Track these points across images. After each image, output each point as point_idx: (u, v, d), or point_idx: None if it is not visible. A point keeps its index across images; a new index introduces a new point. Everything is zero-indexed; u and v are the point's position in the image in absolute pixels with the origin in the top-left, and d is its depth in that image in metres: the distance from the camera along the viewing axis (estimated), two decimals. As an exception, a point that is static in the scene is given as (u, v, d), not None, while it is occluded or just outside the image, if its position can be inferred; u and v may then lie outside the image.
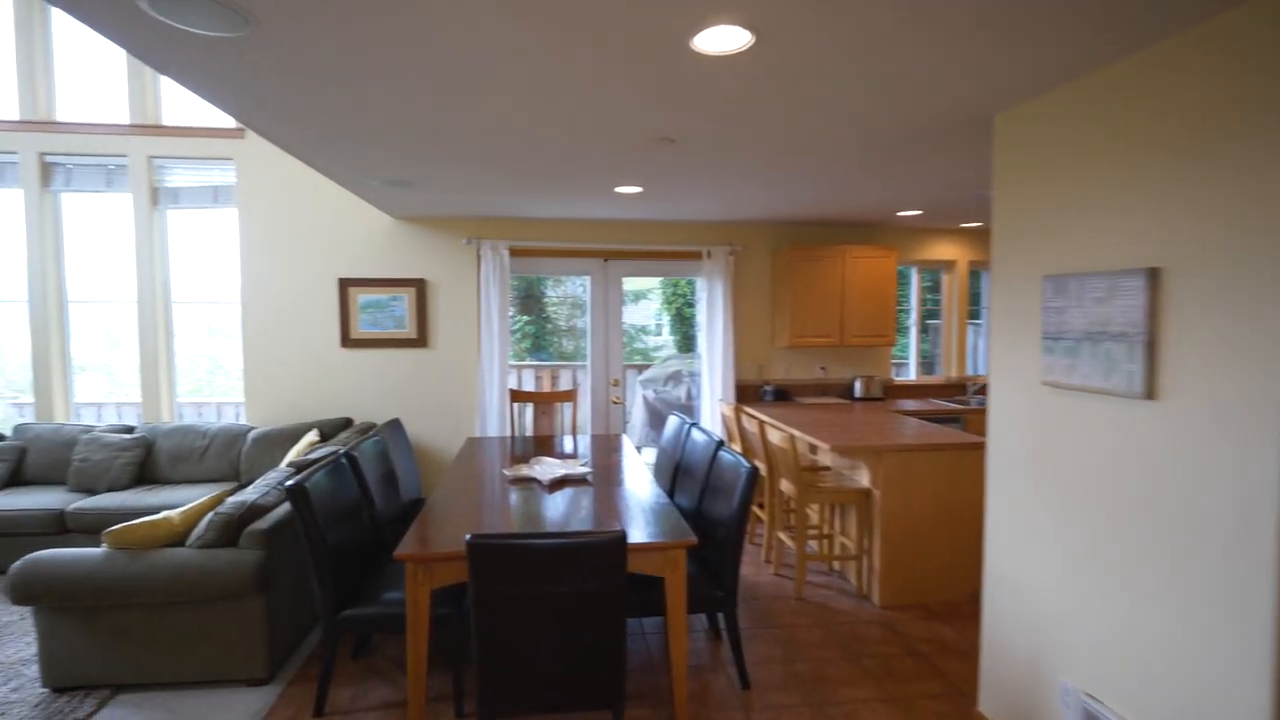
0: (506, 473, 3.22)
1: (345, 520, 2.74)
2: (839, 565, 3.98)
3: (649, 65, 1.95)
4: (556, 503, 2.84)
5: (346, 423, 4.60)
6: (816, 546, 4.05)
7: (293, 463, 3.39)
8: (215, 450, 4.42)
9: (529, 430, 4.85)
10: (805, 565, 3.65)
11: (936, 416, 4.65)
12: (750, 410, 4.58)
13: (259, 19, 1.66)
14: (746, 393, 5.11)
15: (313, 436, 4.18)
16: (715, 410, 4.93)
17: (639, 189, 3.75)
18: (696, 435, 3.42)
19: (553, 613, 1.95)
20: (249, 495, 2.91)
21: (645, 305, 9.75)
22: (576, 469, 3.25)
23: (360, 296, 4.78)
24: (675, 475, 3.60)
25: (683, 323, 9.27)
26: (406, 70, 2.00)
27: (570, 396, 4.46)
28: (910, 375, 5.58)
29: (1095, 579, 1.97)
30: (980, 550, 3.57)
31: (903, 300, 5.50)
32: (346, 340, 4.78)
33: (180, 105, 4.65)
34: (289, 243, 4.69)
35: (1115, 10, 1.60)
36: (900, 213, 4.62)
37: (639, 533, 2.43)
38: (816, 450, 4.29)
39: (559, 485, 3.09)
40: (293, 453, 3.98)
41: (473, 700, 2.59)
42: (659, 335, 9.91)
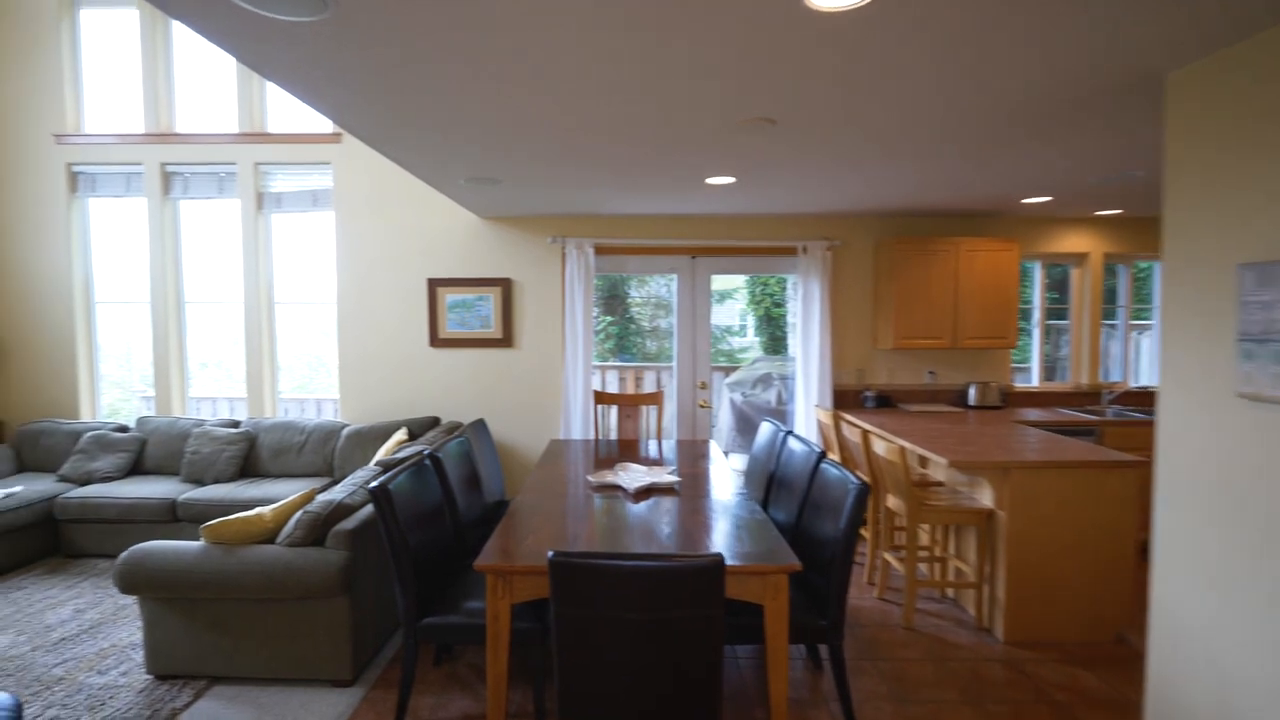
0: (590, 479, 3.07)
1: (427, 522, 2.67)
2: (952, 592, 3.57)
3: (755, 29, 1.72)
4: (642, 513, 2.64)
5: (434, 422, 4.62)
6: (927, 570, 3.66)
7: (380, 462, 3.38)
8: (312, 446, 4.54)
9: (613, 433, 4.71)
10: (915, 591, 3.28)
11: (1066, 428, 4.12)
12: (850, 417, 4.22)
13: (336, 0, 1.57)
14: (845, 398, 4.74)
15: (401, 435, 4.20)
16: (810, 416, 4.60)
17: (731, 179, 3.50)
18: (794, 444, 3.14)
19: (641, 640, 1.75)
20: (336, 494, 2.90)
21: (730, 305, 9.45)
22: (663, 477, 3.05)
23: (448, 296, 4.79)
24: (770, 486, 3.33)
25: (770, 323, 8.91)
26: (486, 55, 1.87)
27: (656, 399, 4.27)
28: (1033, 381, 5.01)
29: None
30: (1131, 586, 3.10)
31: (1022, 299, 4.96)
32: (435, 340, 4.81)
33: (283, 112, 4.83)
34: (381, 244, 4.77)
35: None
36: (1026, 199, 4.13)
37: (735, 553, 2.19)
38: (927, 463, 3.89)
39: (645, 494, 2.90)
40: (381, 451, 4.01)
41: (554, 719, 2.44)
42: (743, 336, 9.59)
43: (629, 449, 3.92)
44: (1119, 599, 3.09)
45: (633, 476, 3.08)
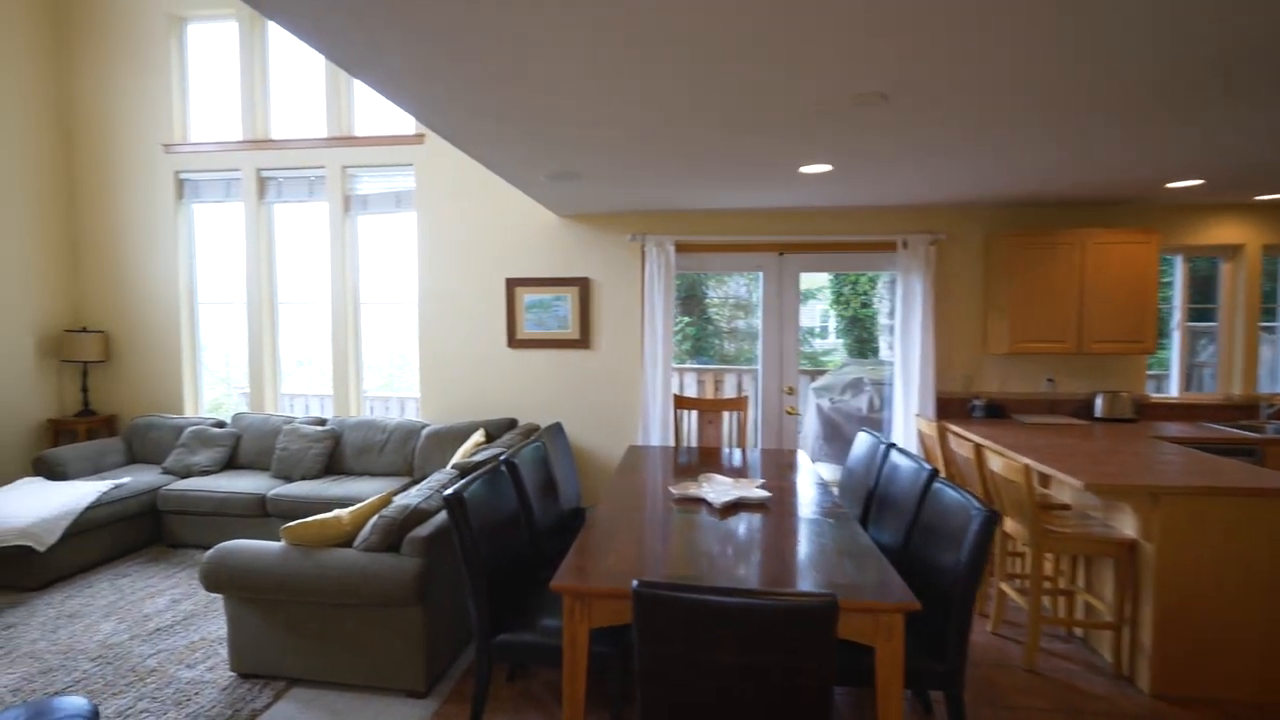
0: (673, 491, 2.86)
1: (502, 531, 2.54)
2: (1081, 632, 3.14)
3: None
4: (730, 532, 2.41)
5: (511, 423, 4.55)
6: (1050, 605, 3.24)
7: (457, 465, 3.31)
8: (393, 445, 4.57)
9: (693, 440, 4.49)
10: (1040, 628, 2.88)
11: (1219, 446, 3.57)
12: (957, 429, 3.82)
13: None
14: (949, 407, 4.32)
15: (479, 437, 4.15)
16: (909, 426, 4.22)
17: (828, 168, 3.21)
18: (899, 459, 2.82)
19: (734, 686, 1.52)
20: (412, 499, 2.83)
21: (811, 306, 9.02)
22: (752, 491, 2.80)
23: (526, 296, 4.72)
24: (869, 504, 3.02)
25: (856, 325, 8.44)
26: (564, 35, 1.70)
27: (740, 405, 4.02)
28: (1171, 391, 4.42)
29: None
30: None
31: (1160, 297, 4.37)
32: (512, 340, 4.75)
33: (368, 115, 4.90)
34: (461, 244, 4.75)
35: None
36: (1172, 184, 3.60)
37: (839, 585, 1.93)
38: (1048, 482, 3.45)
39: (732, 510, 2.67)
40: (459, 453, 3.96)
41: (633, 756, 2.25)
42: (824, 338, 9.14)
43: (711, 457, 3.69)
44: (1300, 654, 2.60)
45: (718, 489, 2.85)
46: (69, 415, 5.12)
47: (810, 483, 3.11)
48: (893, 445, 3.02)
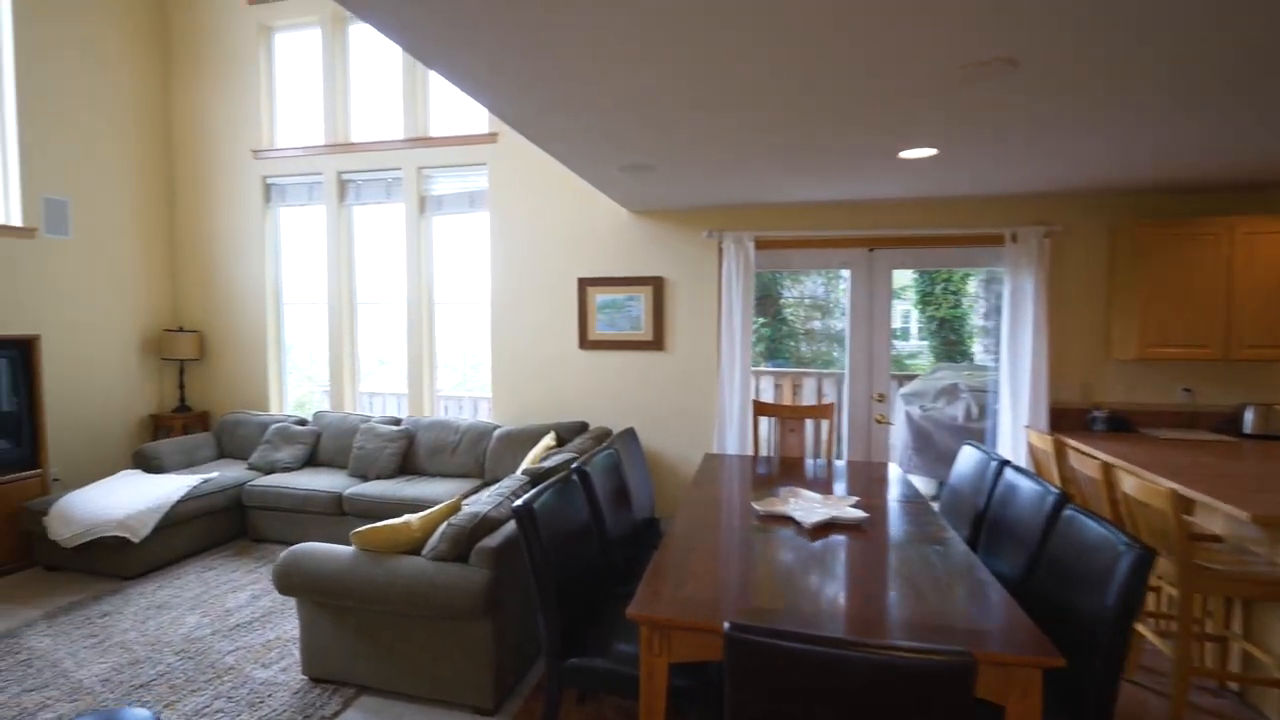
0: (757, 507, 2.63)
1: (573, 542, 2.39)
2: (1238, 686, 2.69)
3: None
4: (822, 557, 2.16)
5: (582, 427, 4.42)
6: (1197, 652, 2.80)
7: (528, 470, 3.19)
8: (465, 446, 4.53)
9: (772, 448, 4.22)
10: (1188, 681, 2.47)
11: None
12: (1076, 443, 3.40)
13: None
14: (1064, 418, 3.87)
15: (549, 440, 4.03)
16: (1018, 439, 3.80)
17: (932, 152, 2.90)
18: (1018, 479, 2.49)
19: (845, 751, 1.29)
20: (482, 506, 2.72)
21: (894, 305, 8.53)
22: (846, 511, 2.53)
23: (598, 296, 4.59)
24: (978, 528, 2.69)
25: (944, 326, 7.88)
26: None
27: (826, 412, 3.73)
28: (1337, 404, 3.80)
29: None
30: None
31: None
32: (584, 341, 4.62)
33: (443, 116, 4.89)
34: (533, 243, 4.67)
35: None
36: (1349, 161, 3.07)
37: (959, 630, 1.66)
38: (1193, 508, 3.00)
39: (823, 531, 2.41)
40: (530, 457, 3.85)
41: (714, 802, 2.04)
42: (905, 340, 8.61)
43: (793, 469, 3.43)
44: None
45: (807, 507, 2.60)
46: (167, 411, 5.38)
47: (909, 500, 2.80)
48: (1007, 462, 2.68)
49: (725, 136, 2.71)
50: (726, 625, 1.31)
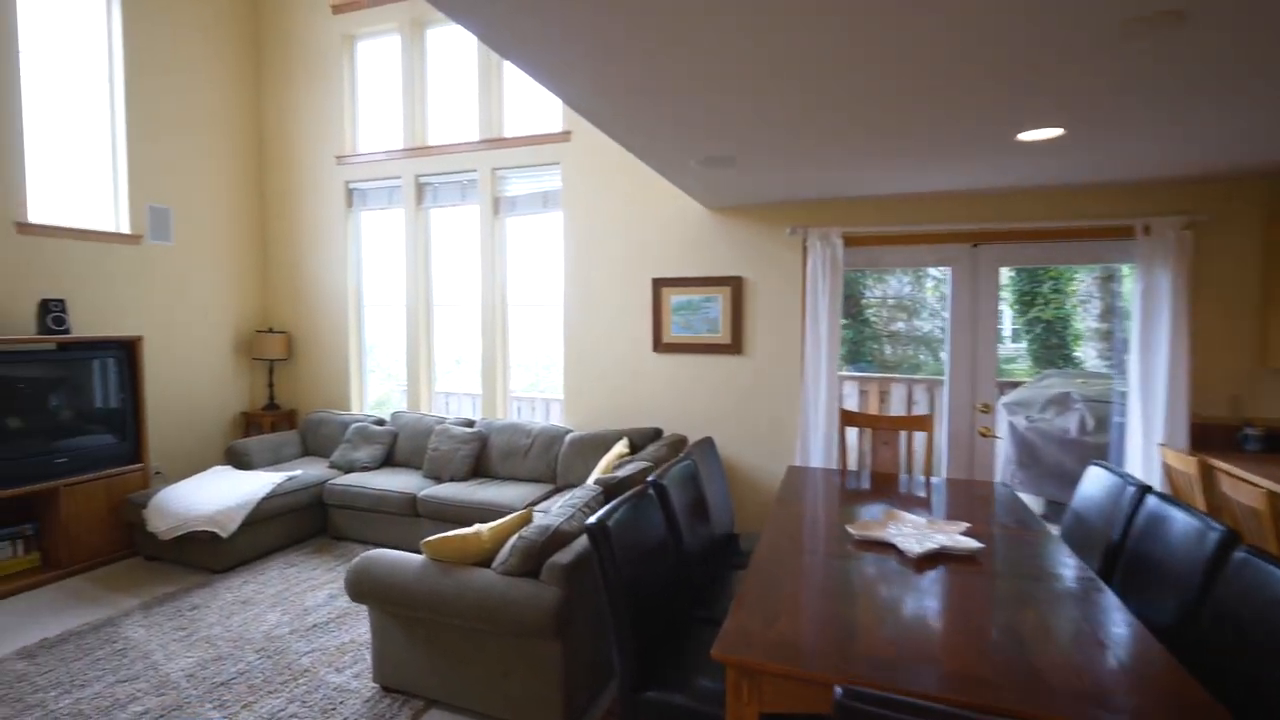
0: (853, 532, 2.37)
1: (649, 560, 2.23)
2: None
3: None
4: (933, 595, 1.90)
5: (656, 434, 4.25)
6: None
7: (600, 480, 3.05)
8: (536, 450, 4.46)
9: (858, 460, 3.92)
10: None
11: None
12: (1227, 465, 2.95)
13: None
14: (1208, 435, 3.38)
15: (622, 447, 3.89)
16: (1151, 457, 3.35)
17: (1058, 131, 2.55)
18: (1166, 509, 2.13)
19: None
20: (553, 519, 2.59)
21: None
22: (958, 539, 2.24)
23: (673, 298, 4.41)
24: (1110, 564, 2.34)
25: (1046, 329, 7.24)
26: None
27: (925, 424, 3.40)
28: None
29: None
30: None
31: None
32: (659, 344, 4.45)
33: (517, 116, 4.85)
34: (606, 243, 4.55)
35: None
36: None
37: (1114, 700, 1.37)
38: (1384, 549, 2.51)
39: (930, 562, 2.14)
40: (601, 464, 3.72)
41: None
42: (1001, 343, 7.98)
43: (885, 485, 3.14)
44: None
45: (910, 533, 2.33)
46: (257, 409, 5.60)
47: (1026, 527, 2.47)
48: (1149, 488, 2.31)
49: (821, 123, 2.46)
50: (838, 691, 1.10)
